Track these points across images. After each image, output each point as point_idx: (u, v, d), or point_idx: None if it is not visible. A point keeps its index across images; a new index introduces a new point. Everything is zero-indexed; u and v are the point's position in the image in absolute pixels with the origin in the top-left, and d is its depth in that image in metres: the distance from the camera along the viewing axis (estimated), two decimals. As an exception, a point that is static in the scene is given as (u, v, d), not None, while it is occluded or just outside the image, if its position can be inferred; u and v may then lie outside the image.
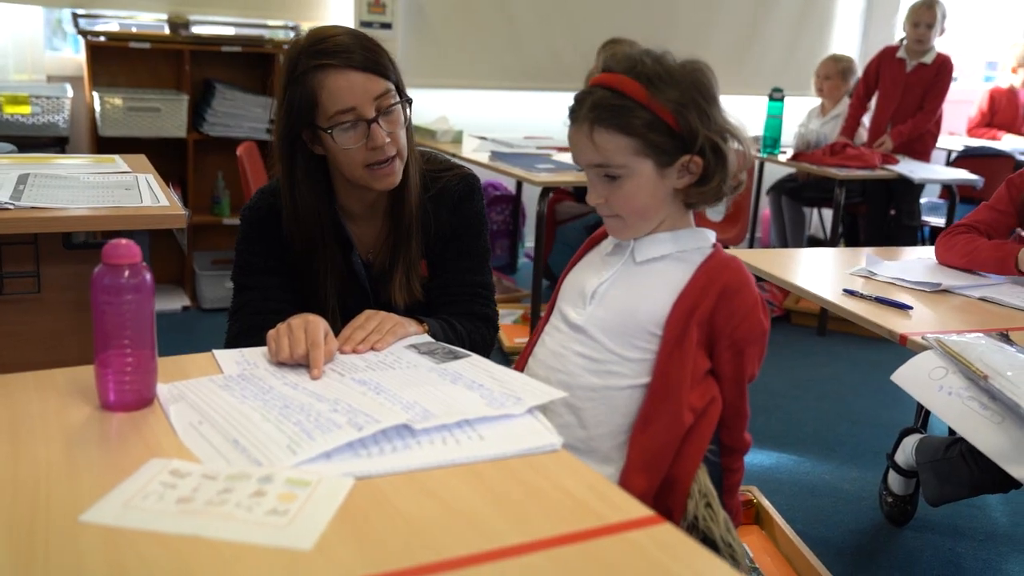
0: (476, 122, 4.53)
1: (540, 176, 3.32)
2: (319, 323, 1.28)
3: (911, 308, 1.74)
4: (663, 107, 1.23)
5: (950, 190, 4.21)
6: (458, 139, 4.13)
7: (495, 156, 3.72)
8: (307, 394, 1.14)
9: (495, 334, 1.63)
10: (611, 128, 1.23)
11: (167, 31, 4.07)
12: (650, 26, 4.98)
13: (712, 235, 1.33)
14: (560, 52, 4.95)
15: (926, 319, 1.71)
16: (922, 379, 1.45)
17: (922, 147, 4.61)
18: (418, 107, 1.64)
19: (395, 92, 1.47)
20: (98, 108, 3.64)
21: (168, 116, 3.73)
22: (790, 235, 4.97)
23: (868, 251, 2.25)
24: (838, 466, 2.67)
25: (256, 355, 1.31)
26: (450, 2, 4.68)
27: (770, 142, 4.24)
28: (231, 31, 4.30)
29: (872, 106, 4.69)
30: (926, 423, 2.44)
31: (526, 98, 5.04)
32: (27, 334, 1.61)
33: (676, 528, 0.88)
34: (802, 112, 5.06)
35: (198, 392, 1.15)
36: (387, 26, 4.38)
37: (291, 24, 4.34)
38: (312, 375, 1.21)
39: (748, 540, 2.04)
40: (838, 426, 2.98)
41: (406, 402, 1.11)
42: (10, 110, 3.55)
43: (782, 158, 4.25)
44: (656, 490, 1.24)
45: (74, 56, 4.13)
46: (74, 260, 1.63)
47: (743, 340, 1.27)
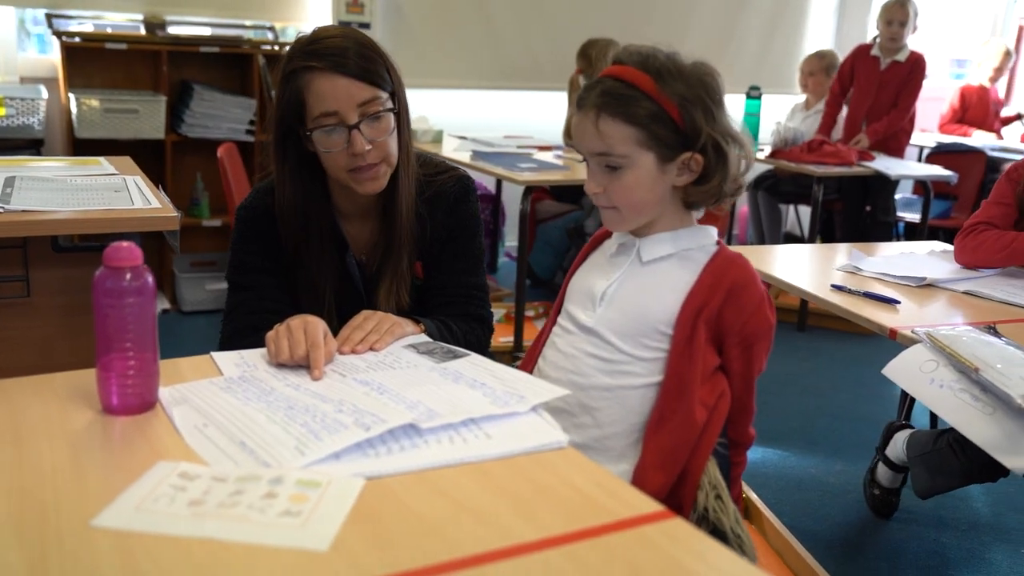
0: (455, 122, 4.53)
1: (523, 175, 3.33)
2: (318, 324, 1.28)
3: (899, 303, 1.77)
4: (669, 100, 1.24)
5: (925, 186, 4.27)
6: (438, 139, 4.13)
7: (476, 156, 3.72)
8: (310, 395, 1.14)
9: (490, 335, 1.63)
10: (616, 116, 1.25)
11: (143, 31, 4.03)
12: (627, 25, 5.00)
13: (715, 232, 1.34)
14: (538, 52, 4.96)
15: (913, 313, 1.73)
16: (913, 372, 1.47)
17: (896, 144, 4.67)
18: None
19: (385, 100, 1.46)
20: (75, 110, 3.60)
21: (146, 118, 3.69)
22: (767, 232, 5.02)
23: (852, 247, 2.28)
24: (822, 460, 2.70)
25: (255, 357, 1.30)
26: (428, 2, 4.67)
27: (748, 139, 4.27)
28: (208, 31, 4.27)
29: (847, 104, 4.75)
30: (909, 416, 2.48)
31: (504, 97, 5.04)
32: (17, 339, 1.59)
33: (688, 523, 0.89)
34: (779, 109, 5.11)
35: (200, 395, 1.14)
36: (365, 26, 4.37)
37: (268, 24, 4.32)
38: (313, 376, 1.21)
39: (738, 534, 2.06)
40: (820, 420, 3.01)
41: (410, 402, 1.11)
42: (-16, 112, 3.50)
43: (760, 155, 4.28)
44: (671, 485, 1.25)
45: (46, 57, 4.07)
46: (63, 264, 1.61)
47: (751, 336, 1.28)
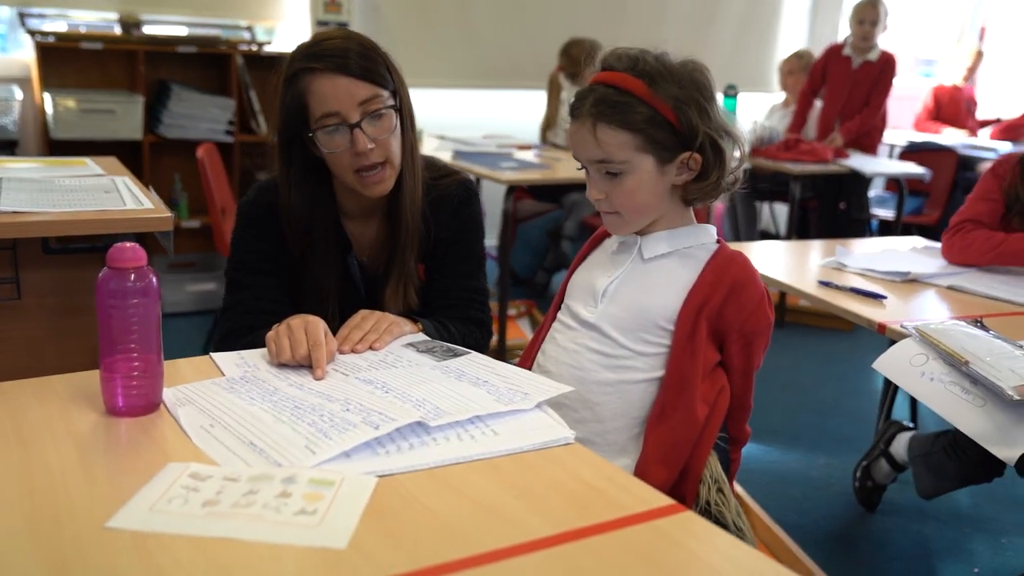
0: (434, 121, 4.51)
1: (505, 175, 3.33)
2: (319, 323, 1.28)
3: (885, 298, 1.80)
4: (664, 104, 1.25)
5: (898, 183, 4.33)
6: (418, 138, 4.11)
7: (457, 155, 3.72)
8: (315, 394, 1.14)
9: (489, 339, 1.64)
10: (613, 124, 1.25)
11: (118, 31, 3.98)
12: (603, 25, 5.02)
13: (714, 230, 1.35)
14: (516, 51, 4.97)
15: (900, 308, 1.76)
16: (904, 366, 1.50)
17: (869, 142, 4.74)
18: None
19: (387, 98, 1.46)
20: (50, 110, 3.55)
21: (123, 118, 3.65)
22: (743, 229, 5.06)
23: (836, 243, 2.31)
24: (805, 454, 2.74)
25: (255, 357, 1.30)
26: (406, 1, 4.67)
27: (725, 138, 4.31)
28: (184, 31, 4.23)
29: (820, 103, 4.80)
30: (891, 411, 2.52)
31: (483, 97, 5.05)
32: (8, 341, 1.57)
33: (700, 516, 0.91)
34: (755, 108, 5.17)
35: (204, 395, 1.14)
36: (343, 25, 4.35)
37: (245, 24, 4.29)
38: (315, 375, 1.21)
39: (728, 529, 2.08)
40: (802, 416, 3.05)
41: (416, 400, 1.12)
42: (-43, 113, 3.44)
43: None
44: (674, 480, 1.26)
45: (15, 57, 4.01)
46: (53, 265, 1.59)
47: (751, 333, 1.30)
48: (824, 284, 1.89)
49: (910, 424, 2.33)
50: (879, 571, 2.09)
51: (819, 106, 4.82)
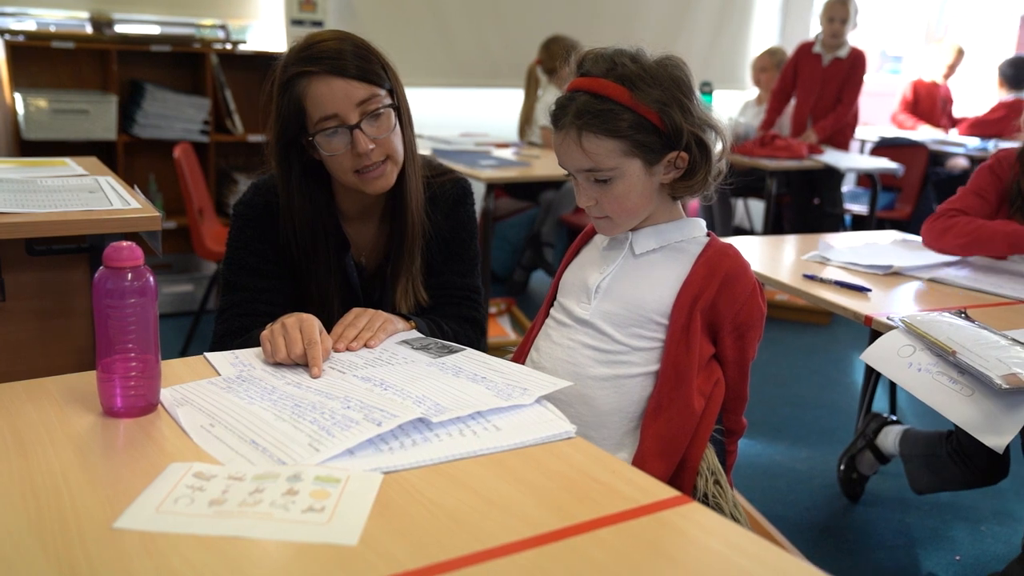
0: (411, 120, 4.50)
1: (485, 173, 3.33)
2: (313, 321, 1.27)
3: (869, 290, 1.82)
4: (648, 108, 1.24)
5: (872, 178, 4.38)
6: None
7: (436, 154, 3.71)
8: (315, 392, 1.13)
9: (483, 337, 1.64)
10: (599, 133, 1.24)
11: (89, 30, 3.93)
12: (577, 23, 5.04)
13: (703, 224, 1.36)
14: (491, 49, 4.97)
15: (884, 300, 1.78)
16: (891, 358, 1.52)
17: (842, 138, 4.79)
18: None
19: (384, 97, 1.45)
20: (21, 111, 3.50)
21: (97, 118, 3.60)
22: (718, 225, 5.10)
23: (813, 238, 2.33)
24: (787, 447, 2.77)
25: (250, 356, 1.29)
26: (382, 0, 4.65)
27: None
28: (156, 30, 4.18)
29: (793, 100, 4.85)
30: (871, 404, 2.55)
31: (459, 95, 5.04)
32: (-7, 344, 1.55)
33: (706, 507, 0.91)
34: (728, 105, 5.21)
35: (201, 395, 1.13)
36: (318, 24, 4.32)
37: (220, 23, 4.25)
38: (312, 373, 1.20)
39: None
40: (783, 409, 3.08)
41: (416, 397, 1.12)
42: (-75, 114, 3.38)
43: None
44: (672, 473, 1.27)
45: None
46: (38, 267, 1.57)
47: (744, 324, 1.31)
48: (809, 278, 1.91)
49: (893, 417, 2.36)
50: (865, 560, 2.11)
51: (792, 103, 4.87)
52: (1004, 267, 2.03)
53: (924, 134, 5.48)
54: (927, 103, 5.82)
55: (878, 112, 6.09)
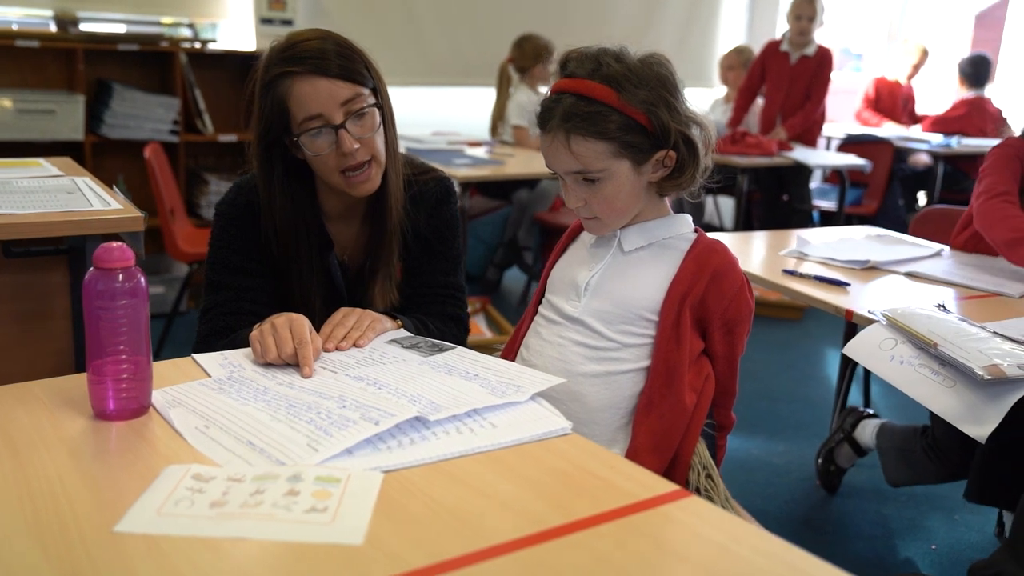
0: (382, 119, 4.48)
1: (460, 171, 3.32)
2: (303, 321, 1.27)
3: (848, 285, 1.84)
4: (635, 109, 1.24)
5: (840, 174, 4.44)
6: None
7: (411, 152, 3.69)
8: (308, 392, 1.13)
9: (466, 335, 1.64)
10: (587, 136, 1.24)
11: (53, 28, 3.86)
12: (547, 22, 5.05)
13: (690, 220, 1.37)
14: (462, 47, 4.97)
15: (863, 295, 1.81)
16: (873, 351, 1.54)
17: (809, 135, 4.85)
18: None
19: (368, 96, 1.44)
20: (-15, 110, 3.43)
21: (63, 118, 3.54)
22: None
23: (784, 234, 2.36)
24: (765, 441, 2.79)
25: (239, 357, 1.28)
26: (352, -2, 4.63)
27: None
28: (122, 28, 4.12)
29: (761, 99, 4.90)
30: (847, 397, 2.58)
31: (430, 94, 5.03)
32: (-29, 348, 1.52)
33: (717, 499, 0.92)
34: (697, 102, 5.25)
35: (193, 396, 1.12)
36: (288, 23, 4.29)
37: (187, 21, 4.20)
38: (303, 373, 1.20)
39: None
40: (760, 403, 3.11)
41: (411, 395, 1.11)
42: None
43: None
44: (664, 468, 1.28)
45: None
46: (15, 269, 1.54)
47: (733, 320, 1.32)
48: (789, 273, 1.93)
49: (870, 411, 2.39)
50: (844, 551, 2.14)
51: (760, 102, 4.92)
52: (978, 261, 2.08)
53: (888, 131, 5.56)
54: (889, 101, 5.91)
55: (841, 109, 6.17)
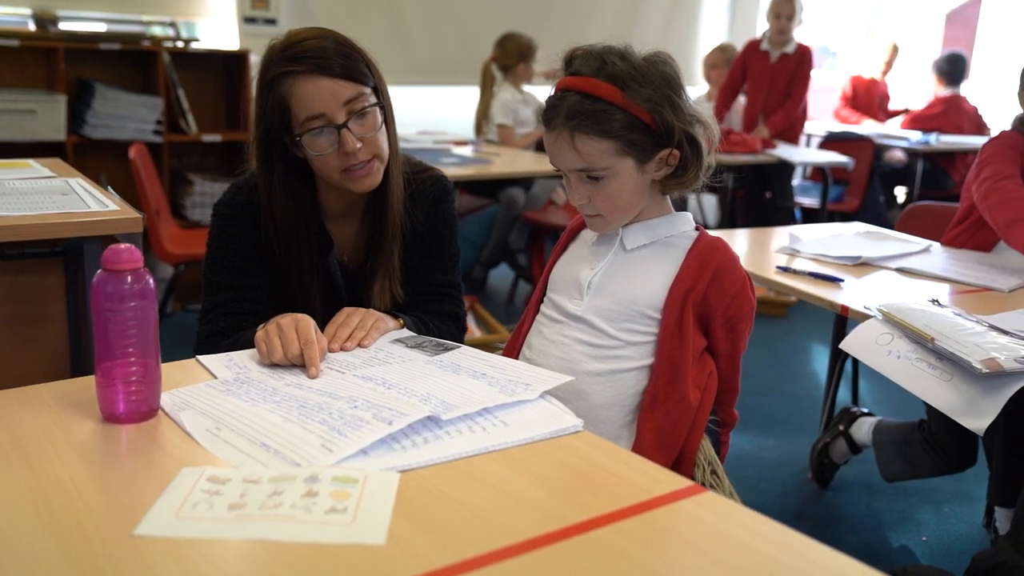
0: (366, 118, 4.46)
1: (448, 170, 3.30)
2: (309, 321, 1.26)
3: (842, 280, 1.86)
4: (639, 107, 1.25)
5: (823, 172, 4.48)
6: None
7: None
8: (318, 393, 1.12)
9: (463, 333, 1.64)
10: (592, 133, 1.25)
11: (33, 27, 3.82)
12: (530, 21, 5.06)
13: (691, 218, 1.38)
14: (446, 46, 4.96)
15: (857, 290, 1.83)
16: (870, 346, 1.55)
17: (792, 133, 4.89)
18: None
19: (369, 95, 1.44)
20: (-35, 111, 3.39)
21: (44, 118, 3.51)
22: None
23: (768, 231, 2.38)
24: (755, 437, 2.82)
25: (244, 358, 1.27)
26: (335, -4, 4.61)
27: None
28: (102, 27, 4.08)
29: (743, 97, 4.94)
30: (836, 393, 2.61)
31: (414, 93, 5.02)
32: (-34, 352, 1.50)
33: (722, 495, 0.93)
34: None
35: (202, 398, 1.11)
36: (271, 22, 4.27)
37: (168, 20, 4.16)
38: (309, 373, 1.19)
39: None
40: (748, 399, 3.13)
41: (421, 395, 1.11)
42: None
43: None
44: (670, 465, 1.28)
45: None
46: (10, 271, 1.52)
47: (735, 317, 1.33)
48: (782, 270, 1.94)
49: (865, 410, 2.42)
50: (837, 544, 2.13)
51: (742, 100, 4.95)
52: (968, 257, 2.10)
53: (868, 128, 5.62)
54: (866, 98, 5.97)
55: (821, 107, 6.22)
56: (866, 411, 2.41)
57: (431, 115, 4.93)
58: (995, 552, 1.51)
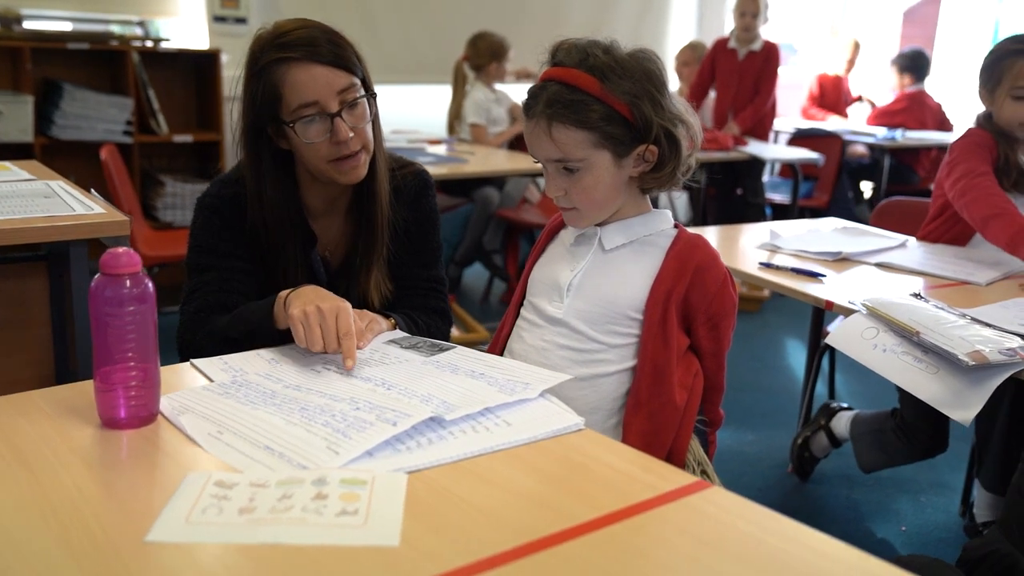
0: (339, 118, 4.43)
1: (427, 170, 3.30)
2: (348, 310, 1.25)
3: (824, 276, 1.88)
4: (618, 100, 1.24)
5: (793, 168, 4.53)
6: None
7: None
8: (318, 395, 1.12)
9: (449, 328, 1.63)
10: (568, 123, 1.25)
11: (-3, 27, 3.75)
12: (502, 19, 5.06)
13: (671, 216, 1.38)
14: (417, 45, 4.94)
15: (839, 285, 1.85)
16: (856, 340, 1.58)
17: (762, 129, 4.93)
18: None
19: (360, 86, 1.44)
20: (-71, 112, 3.32)
21: (11, 119, 3.45)
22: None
23: (742, 228, 2.41)
24: (734, 431, 2.84)
25: (240, 361, 1.26)
26: (305, -5, 4.57)
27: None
28: (68, 26, 4.01)
29: (713, 94, 4.98)
30: (814, 387, 2.64)
31: (385, 92, 4.99)
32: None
33: (728, 491, 0.94)
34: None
35: (201, 402, 1.10)
36: (242, 20, 4.23)
37: (137, 19, 4.10)
38: (346, 365, 1.19)
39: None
40: (726, 394, 3.14)
41: (422, 395, 1.11)
42: None
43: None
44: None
45: None
46: (-8, 276, 1.50)
47: (717, 315, 1.33)
48: (764, 266, 1.96)
49: (844, 405, 2.45)
50: (818, 536, 2.19)
51: (711, 97, 4.99)
52: (944, 251, 2.14)
53: (835, 125, 5.69)
54: (833, 96, 6.05)
55: (787, 104, 6.29)
56: (845, 405, 2.44)
57: (403, 114, 4.92)
58: (985, 541, 1.55)
